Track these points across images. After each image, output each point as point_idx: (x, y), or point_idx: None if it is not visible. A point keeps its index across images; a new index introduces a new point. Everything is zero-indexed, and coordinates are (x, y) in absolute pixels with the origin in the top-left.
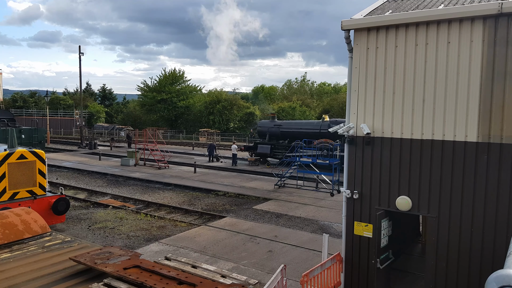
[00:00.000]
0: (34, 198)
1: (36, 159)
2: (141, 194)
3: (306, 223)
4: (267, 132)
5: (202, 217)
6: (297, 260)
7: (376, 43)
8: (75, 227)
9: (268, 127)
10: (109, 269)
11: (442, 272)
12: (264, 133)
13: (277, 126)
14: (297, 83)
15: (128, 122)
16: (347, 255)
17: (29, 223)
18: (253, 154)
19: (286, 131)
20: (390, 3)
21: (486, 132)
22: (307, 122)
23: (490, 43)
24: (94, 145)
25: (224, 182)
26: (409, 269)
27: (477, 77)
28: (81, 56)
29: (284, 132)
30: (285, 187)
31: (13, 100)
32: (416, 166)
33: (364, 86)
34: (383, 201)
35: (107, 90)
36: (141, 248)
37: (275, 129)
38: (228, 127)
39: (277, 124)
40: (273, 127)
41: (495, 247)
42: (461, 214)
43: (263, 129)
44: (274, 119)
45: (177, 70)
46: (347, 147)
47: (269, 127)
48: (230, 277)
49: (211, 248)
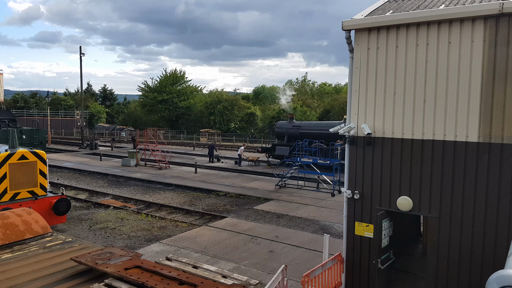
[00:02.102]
0: (35, 198)
1: (37, 159)
2: (142, 195)
3: (307, 224)
4: (286, 133)
5: (203, 217)
6: (298, 260)
7: (377, 43)
8: (76, 228)
9: (287, 128)
10: (110, 270)
11: (443, 272)
12: (282, 134)
13: (296, 127)
14: (298, 83)
15: (129, 122)
16: (348, 256)
17: (30, 223)
18: (270, 156)
19: (306, 132)
20: (390, 4)
21: (487, 132)
22: (328, 123)
23: (491, 43)
24: (95, 145)
25: (225, 182)
26: (410, 270)
27: (478, 77)
28: (82, 57)
29: (304, 133)
30: (286, 187)
31: (14, 101)
32: (417, 166)
33: (365, 86)
34: (384, 202)
35: (108, 90)
36: (142, 248)
37: (294, 130)
38: (229, 127)
39: (296, 125)
40: (291, 128)
41: (496, 247)
42: (462, 214)
43: (281, 130)
44: (292, 120)
45: (178, 71)
46: (348, 147)
47: (287, 128)
48: (231, 277)
49: (212, 249)
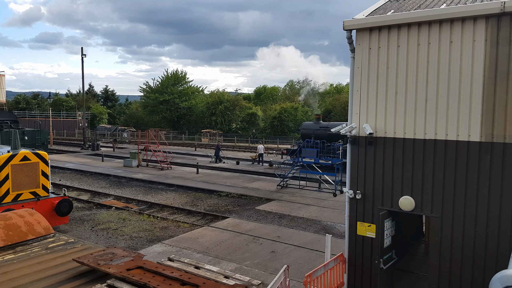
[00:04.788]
0: (37, 199)
1: (39, 160)
2: (144, 195)
3: (309, 224)
4: (312, 134)
5: (204, 218)
6: (300, 260)
7: (378, 43)
8: (78, 228)
9: (313, 129)
10: (112, 270)
11: (446, 272)
12: (308, 136)
13: (323, 128)
14: (299, 83)
15: (130, 123)
16: (350, 256)
17: (33, 224)
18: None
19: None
20: (392, 3)
21: (489, 131)
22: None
23: (492, 43)
24: (97, 146)
25: (226, 182)
26: (412, 269)
27: (479, 77)
28: (83, 58)
29: (333, 134)
30: (288, 187)
31: (16, 102)
32: (419, 166)
33: (367, 86)
34: (386, 201)
35: (110, 91)
36: (144, 249)
37: (321, 131)
38: (230, 127)
39: (323, 126)
40: (319, 129)
41: (498, 247)
42: (464, 214)
43: (308, 131)
44: (319, 121)
45: (179, 71)
46: (349, 147)
47: (314, 129)
48: (233, 277)
49: (214, 249)
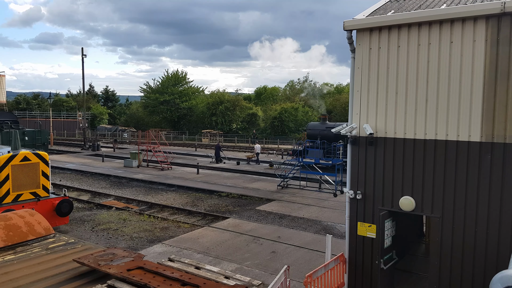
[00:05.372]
0: (37, 200)
1: (40, 161)
2: (144, 196)
3: (309, 224)
4: (318, 135)
5: (205, 218)
6: (301, 261)
7: (378, 43)
8: (78, 229)
9: (320, 129)
10: (112, 271)
11: (446, 272)
12: (314, 136)
13: (330, 129)
14: (299, 83)
15: (131, 123)
16: (351, 256)
17: (33, 225)
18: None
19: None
20: (392, 3)
21: (490, 131)
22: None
23: (493, 43)
24: (97, 146)
25: (227, 183)
26: (413, 270)
27: (480, 77)
28: (83, 58)
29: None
30: (288, 187)
31: (16, 102)
32: (419, 166)
33: (367, 86)
34: (387, 202)
35: (110, 91)
36: (145, 249)
37: (327, 131)
38: (230, 128)
39: (329, 126)
40: (325, 129)
41: (499, 247)
42: (464, 214)
43: (314, 132)
44: (325, 121)
45: (180, 72)
46: (350, 147)
47: (320, 130)
48: (233, 278)
49: (214, 249)
